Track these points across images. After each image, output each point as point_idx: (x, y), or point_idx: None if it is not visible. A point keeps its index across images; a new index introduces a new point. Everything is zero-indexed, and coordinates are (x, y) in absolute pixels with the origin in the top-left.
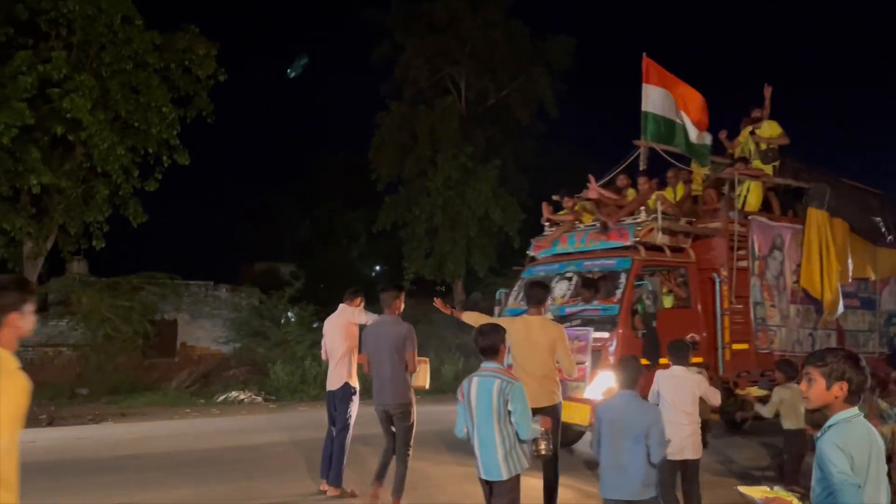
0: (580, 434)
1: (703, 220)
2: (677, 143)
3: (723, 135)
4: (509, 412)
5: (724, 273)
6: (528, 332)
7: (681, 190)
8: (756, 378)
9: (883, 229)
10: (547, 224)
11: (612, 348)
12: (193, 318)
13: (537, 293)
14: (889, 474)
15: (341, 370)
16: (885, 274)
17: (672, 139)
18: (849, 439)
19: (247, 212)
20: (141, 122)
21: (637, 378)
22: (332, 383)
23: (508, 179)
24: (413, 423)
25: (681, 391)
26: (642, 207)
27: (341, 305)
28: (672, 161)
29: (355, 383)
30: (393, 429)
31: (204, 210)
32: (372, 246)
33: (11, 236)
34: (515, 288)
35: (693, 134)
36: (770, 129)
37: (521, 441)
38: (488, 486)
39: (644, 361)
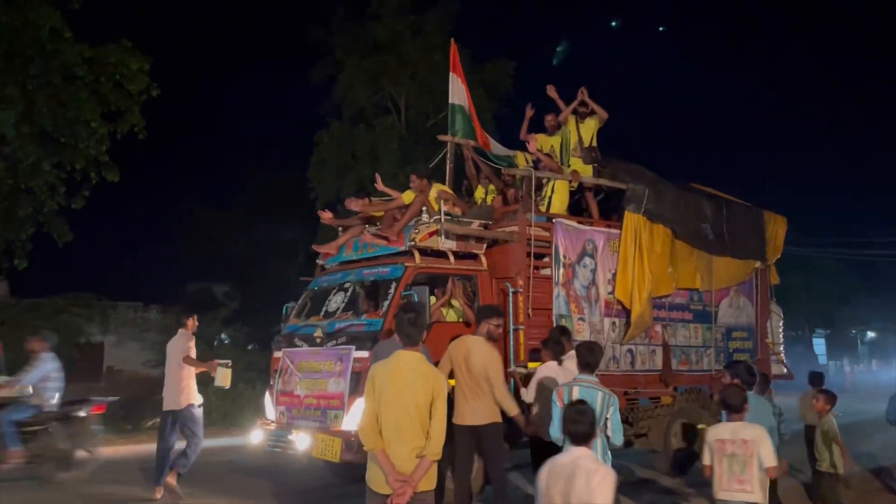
0: None
1: (501, 223)
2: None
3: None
4: (606, 420)
5: (521, 282)
6: (465, 353)
7: (493, 191)
8: None
9: (711, 237)
10: (340, 230)
11: None
12: (121, 340)
13: (486, 311)
14: None
15: (182, 391)
16: (722, 284)
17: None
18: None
19: (180, 230)
20: (68, 138)
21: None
22: (175, 403)
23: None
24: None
25: None
26: (424, 207)
27: (180, 330)
28: (479, 158)
29: (198, 400)
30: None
31: (135, 229)
32: (311, 265)
33: None
34: (300, 301)
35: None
36: (596, 125)
37: (612, 446)
38: None
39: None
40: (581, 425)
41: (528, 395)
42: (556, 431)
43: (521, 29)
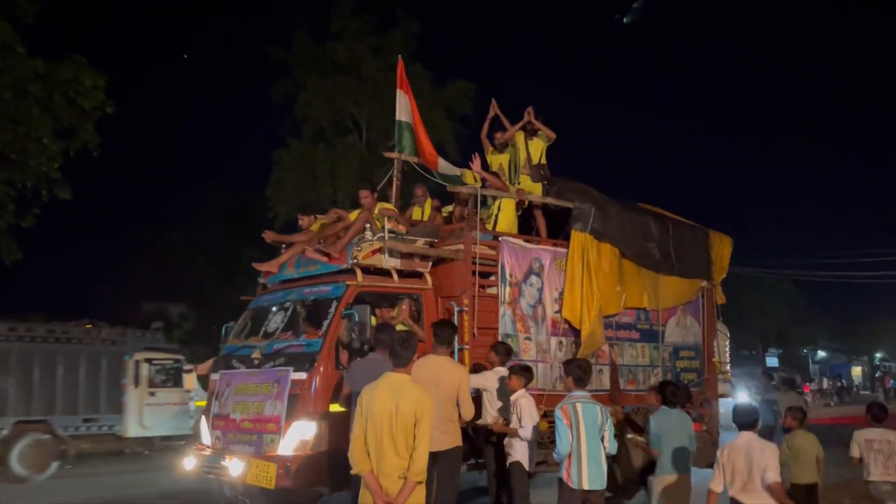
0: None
1: (447, 241)
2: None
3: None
4: (605, 433)
5: (466, 301)
6: (434, 373)
7: (429, 209)
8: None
9: (657, 256)
10: (284, 248)
11: (311, 391)
12: None
13: (447, 333)
14: None
15: None
16: (669, 304)
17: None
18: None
19: (134, 249)
20: (19, 154)
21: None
22: None
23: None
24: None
25: None
26: (368, 225)
27: None
28: (427, 175)
29: None
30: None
31: (87, 247)
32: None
33: None
34: (240, 321)
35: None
36: (545, 143)
37: (609, 455)
38: (583, 495)
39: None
40: (750, 417)
41: (527, 431)
42: (564, 448)
43: (481, 50)
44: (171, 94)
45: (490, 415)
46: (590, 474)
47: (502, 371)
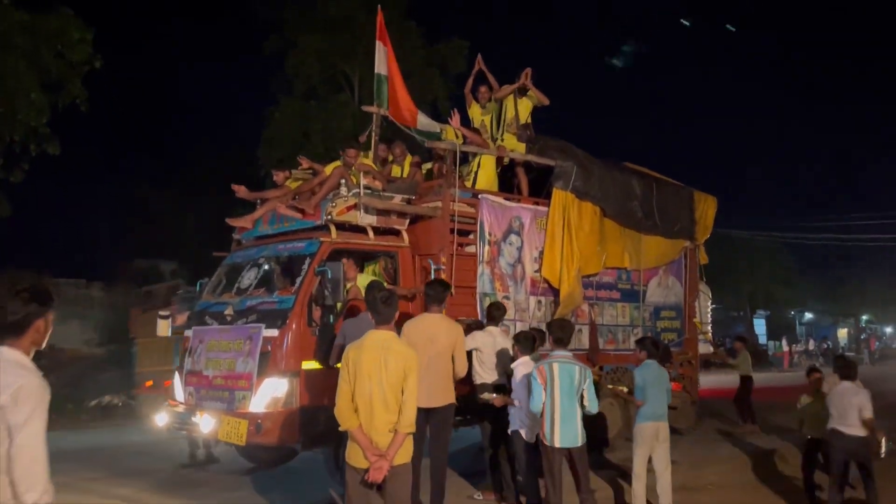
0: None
1: (425, 198)
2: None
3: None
4: (584, 391)
5: (444, 260)
6: (429, 331)
7: (408, 166)
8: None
9: (640, 215)
10: (259, 203)
11: (283, 348)
12: (63, 318)
13: (438, 291)
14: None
15: None
16: (651, 264)
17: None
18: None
19: (125, 206)
20: (6, 108)
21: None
22: None
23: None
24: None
25: None
26: (343, 181)
27: None
28: (406, 130)
29: None
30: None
31: (77, 204)
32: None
33: None
34: (215, 277)
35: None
36: (533, 104)
37: (590, 414)
38: (564, 454)
39: (316, 364)
40: (852, 371)
41: (518, 399)
42: (536, 406)
43: (477, 7)
44: (162, 51)
45: (479, 374)
46: (562, 433)
47: (494, 331)
